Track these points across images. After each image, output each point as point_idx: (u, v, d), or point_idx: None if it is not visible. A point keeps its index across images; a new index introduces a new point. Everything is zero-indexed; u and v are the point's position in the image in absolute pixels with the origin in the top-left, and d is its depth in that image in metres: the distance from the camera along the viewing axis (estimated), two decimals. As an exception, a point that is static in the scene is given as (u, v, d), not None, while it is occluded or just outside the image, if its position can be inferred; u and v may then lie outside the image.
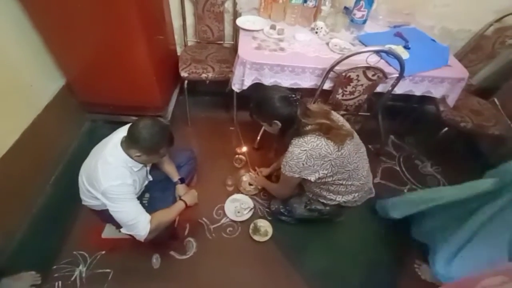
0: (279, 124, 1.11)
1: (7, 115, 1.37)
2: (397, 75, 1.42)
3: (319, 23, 1.65)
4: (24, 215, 1.48)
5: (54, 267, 1.35)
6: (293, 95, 1.09)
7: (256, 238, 1.53)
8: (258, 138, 1.94)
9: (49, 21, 1.41)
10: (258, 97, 1.15)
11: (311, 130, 1.08)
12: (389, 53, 1.33)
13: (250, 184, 1.77)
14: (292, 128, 1.11)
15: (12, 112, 1.41)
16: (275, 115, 1.10)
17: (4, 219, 1.37)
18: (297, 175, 1.13)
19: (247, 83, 1.53)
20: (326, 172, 1.12)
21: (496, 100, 1.95)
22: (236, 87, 1.60)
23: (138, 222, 1.09)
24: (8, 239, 1.39)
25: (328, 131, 1.08)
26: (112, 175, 1.06)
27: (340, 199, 1.28)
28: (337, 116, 1.20)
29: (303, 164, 1.09)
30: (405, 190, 1.88)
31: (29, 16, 1.40)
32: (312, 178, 1.13)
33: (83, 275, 1.34)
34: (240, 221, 1.60)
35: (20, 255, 1.38)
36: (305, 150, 1.07)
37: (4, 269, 1.27)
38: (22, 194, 1.47)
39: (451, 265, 1.25)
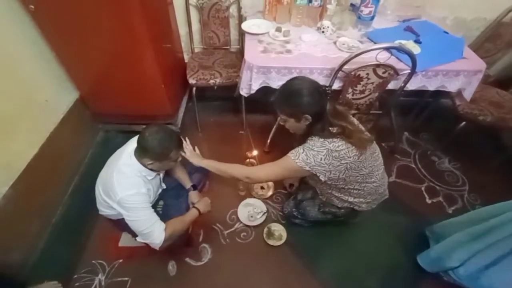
0: (310, 119, 1.03)
1: (25, 131, 1.43)
2: (409, 71, 1.37)
3: (326, 22, 1.62)
4: (44, 226, 1.53)
5: (75, 276, 1.39)
6: (326, 86, 1.02)
7: (271, 242, 1.52)
8: (268, 141, 1.93)
9: (59, 36, 1.45)
10: (286, 88, 1.06)
11: (335, 133, 1.03)
12: (399, 49, 1.29)
13: (262, 188, 1.76)
14: (318, 125, 1.04)
15: (30, 128, 1.46)
16: (307, 109, 1.01)
17: (26, 230, 1.42)
18: (307, 168, 1.04)
19: (255, 87, 1.53)
20: (338, 174, 1.08)
21: (517, 90, 1.86)
22: (244, 92, 1.60)
23: (153, 231, 1.10)
24: (30, 250, 1.44)
25: (350, 135, 1.03)
26: (127, 185, 1.09)
27: (352, 200, 1.25)
28: (354, 119, 1.16)
29: (320, 159, 1.03)
30: (422, 188, 1.82)
31: (41, 33, 1.45)
32: (322, 177, 1.07)
33: (103, 283, 1.37)
34: (253, 226, 1.59)
35: (42, 265, 1.42)
36: (327, 147, 1.02)
37: (27, 279, 1.32)
38: (42, 205, 1.52)
39: (483, 274, 1.20)
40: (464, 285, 1.29)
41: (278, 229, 1.57)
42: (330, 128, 1.04)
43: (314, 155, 1.03)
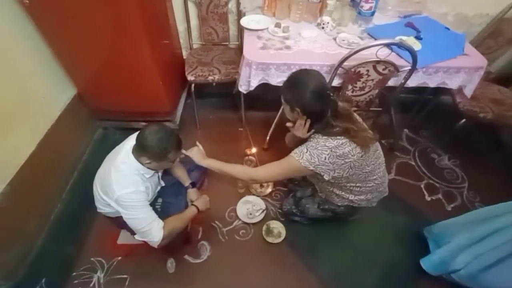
0: (299, 112, 1.02)
1: (23, 128, 1.41)
2: (409, 67, 1.36)
3: (325, 18, 1.60)
4: (42, 223, 1.53)
5: (74, 273, 1.39)
6: (330, 91, 1.00)
7: (269, 239, 1.52)
8: (268, 138, 1.93)
9: (55, 31, 1.43)
10: (295, 76, 1.04)
11: (338, 132, 1.02)
12: (400, 45, 1.28)
13: (261, 185, 1.75)
14: (319, 124, 1.04)
15: (27, 125, 1.44)
16: (302, 104, 1.00)
17: (24, 227, 1.41)
18: (311, 167, 1.03)
19: (254, 84, 1.51)
20: (342, 172, 1.07)
21: (519, 87, 1.84)
22: (242, 89, 1.58)
23: (151, 229, 1.10)
24: (28, 247, 1.43)
25: (355, 135, 1.02)
26: (124, 183, 1.08)
27: (352, 198, 1.24)
28: (357, 117, 1.15)
29: (324, 158, 1.02)
30: (422, 186, 1.81)
31: (37, 28, 1.42)
32: (326, 176, 1.06)
33: (101, 281, 1.37)
34: (252, 223, 1.59)
35: (40, 262, 1.42)
36: (330, 146, 1.01)
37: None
38: (40, 203, 1.52)
39: (484, 274, 1.20)
40: (464, 284, 1.29)
41: (277, 226, 1.56)
42: (332, 130, 1.02)
43: (318, 154, 1.02)
